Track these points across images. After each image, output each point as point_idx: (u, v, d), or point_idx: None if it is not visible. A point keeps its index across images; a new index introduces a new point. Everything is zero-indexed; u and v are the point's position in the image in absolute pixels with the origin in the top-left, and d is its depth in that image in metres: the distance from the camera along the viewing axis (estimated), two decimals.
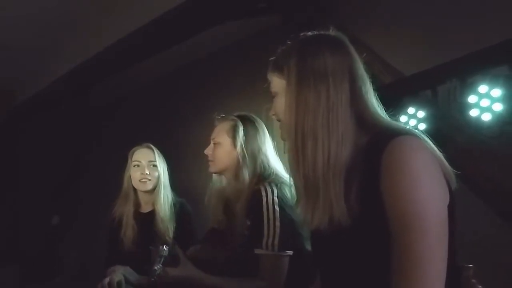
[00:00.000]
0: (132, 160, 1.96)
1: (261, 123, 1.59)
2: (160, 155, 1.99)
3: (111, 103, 3.93)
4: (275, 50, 0.99)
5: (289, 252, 1.36)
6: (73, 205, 4.10)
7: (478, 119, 1.66)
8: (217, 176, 1.64)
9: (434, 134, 0.89)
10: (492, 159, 1.71)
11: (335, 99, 0.86)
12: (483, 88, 1.63)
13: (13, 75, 3.37)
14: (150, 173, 1.93)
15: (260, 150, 1.52)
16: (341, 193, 0.82)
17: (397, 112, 1.76)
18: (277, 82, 0.96)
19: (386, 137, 0.80)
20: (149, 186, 1.93)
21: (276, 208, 1.37)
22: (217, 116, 1.63)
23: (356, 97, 0.88)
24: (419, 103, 1.82)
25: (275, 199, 1.39)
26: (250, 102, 2.38)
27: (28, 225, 3.75)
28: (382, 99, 0.94)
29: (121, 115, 3.93)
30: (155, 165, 1.95)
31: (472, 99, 1.66)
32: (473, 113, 1.66)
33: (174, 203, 1.97)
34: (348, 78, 0.88)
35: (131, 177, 1.95)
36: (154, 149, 1.99)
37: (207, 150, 1.59)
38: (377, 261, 0.79)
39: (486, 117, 1.64)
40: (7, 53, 2.96)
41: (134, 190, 1.97)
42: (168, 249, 1.41)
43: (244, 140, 1.51)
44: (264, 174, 1.48)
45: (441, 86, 1.76)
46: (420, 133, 0.85)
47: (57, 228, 4.00)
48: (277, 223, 1.36)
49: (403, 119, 1.83)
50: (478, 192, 1.73)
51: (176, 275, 1.36)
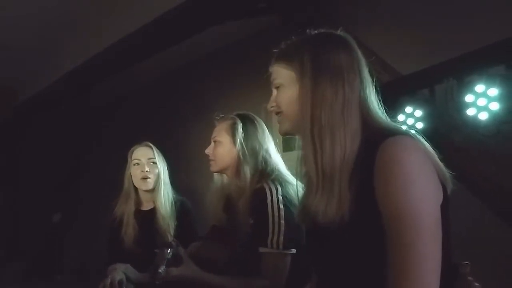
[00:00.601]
0: (132, 158, 1.98)
1: (261, 121, 1.59)
2: (159, 153, 2.01)
3: (111, 103, 3.93)
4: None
5: (293, 250, 1.37)
6: (73, 205, 4.11)
7: (475, 118, 1.67)
8: (218, 175, 1.64)
9: (431, 133, 0.90)
10: (489, 158, 1.72)
11: (350, 96, 0.87)
12: (480, 88, 1.64)
13: (14, 75, 3.38)
14: (150, 170, 1.94)
15: (260, 147, 1.51)
16: (348, 189, 0.83)
17: (394, 111, 1.78)
18: (284, 74, 0.94)
19: (380, 137, 0.81)
20: (150, 184, 1.94)
21: (281, 206, 1.38)
22: (216, 116, 1.63)
23: (363, 96, 0.90)
24: (417, 102, 1.83)
25: (280, 198, 1.39)
26: (250, 102, 2.39)
27: (29, 223, 3.76)
28: (380, 98, 0.95)
29: (121, 115, 3.94)
30: (154, 163, 1.96)
31: (469, 98, 1.67)
32: (470, 112, 1.67)
33: (175, 201, 1.98)
34: (358, 78, 0.90)
35: (131, 175, 1.96)
36: (153, 147, 2.00)
37: (208, 150, 1.59)
38: (373, 259, 0.79)
39: (483, 116, 1.65)
40: (7, 53, 2.96)
41: (135, 188, 1.98)
42: (172, 251, 1.41)
43: (244, 137, 1.51)
44: (266, 170, 1.48)
45: (439, 85, 1.77)
46: (415, 133, 0.86)
47: (59, 226, 4.01)
48: (282, 221, 1.36)
49: (401, 117, 1.84)
50: (476, 191, 1.74)
51: (178, 275, 1.37)
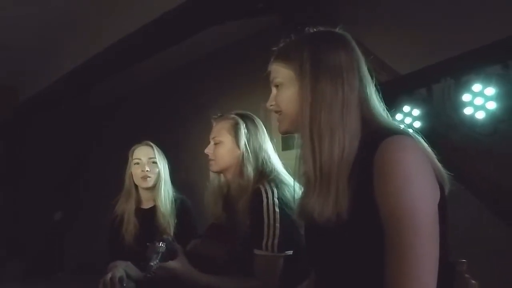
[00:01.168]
0: (133, 158, 1.99)
1: (260, 121, 1.59)
2: (159, 152, 2.02)
3: (111, 103, 3.94)
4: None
5: (288, 252, 1.36)
6: (73, 205, 4.12)
7: (472, 117, 1.69)
8: (214, 174, 1.62)
9: (428, 132, 0.91)
10: (486, 157, 1.74)
11: (349, 96, 0.86)
12: (477, 87, 1.66)
13: (14, 75, 3.39)
14: (150, 169, 1.95)
15: (261, 147, 1.51)
16: (346, 189, 0.83)
17: (392, 110, 1.79)
18: (283, 73, 0.94)
19: (379, 137, 0.82)
20: (150, 182, 1.96)
21: (277, 209, 1.37)
22: (214, 115, 1.62)
23: (363, 95, 0.89)
24: (414, 101, 1.85)
25: (276, 201, 1.38)
26: (249, 102, 2.40)
27: (29, 223, 3.77)
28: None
29: (121, 115, 3.95)
30: (155, 162, 1.98)
31: (466, 97, 1.68)
32: (467, 111, 1.69)
33: (175, 199, 1.99)
34: (357, 77, 0.89)
35: (132, 174, 1.98)
36: (154, 146, 2.02)
37: (208, 150, 1.57)
38: (371, 258, 0.80)
39: (480, 115, 1.67)
40: (8, 53, 2.98)
41: (136, 187, 1.99)
42: (165, 245, 1.40)
43: (247, 138, 1.51)
44: (265, 170, 1.48)
45: (436, 84, 1.79)
46: (413, 133, 0.86)
47: (59, 224, 4.02)
48: (277, 224, 1.35)
49: (399, 117, 1.86)
50: (473, 190, 1.75)
51: (169, 269, 1.36)
